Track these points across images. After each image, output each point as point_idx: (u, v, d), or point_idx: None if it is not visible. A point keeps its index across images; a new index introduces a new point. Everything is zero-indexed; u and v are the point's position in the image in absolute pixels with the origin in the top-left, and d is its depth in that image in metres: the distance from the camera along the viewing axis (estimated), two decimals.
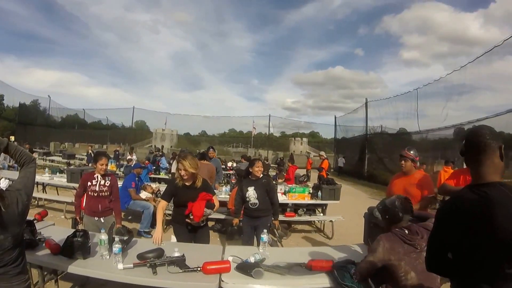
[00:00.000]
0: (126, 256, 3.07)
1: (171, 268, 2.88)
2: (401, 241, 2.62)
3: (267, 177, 5.46)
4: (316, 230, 8.25)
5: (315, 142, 56.71)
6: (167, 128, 44.92)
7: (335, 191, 7.70)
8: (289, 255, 3.40)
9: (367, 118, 24.69)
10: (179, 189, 4.00)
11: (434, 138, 18.40)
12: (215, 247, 3.87)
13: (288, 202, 7.48)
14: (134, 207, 7.09)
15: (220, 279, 2.77)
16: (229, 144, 48.15)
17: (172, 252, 2.99)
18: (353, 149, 27.13)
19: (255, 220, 4.95)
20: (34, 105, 39.17)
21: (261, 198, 4.90)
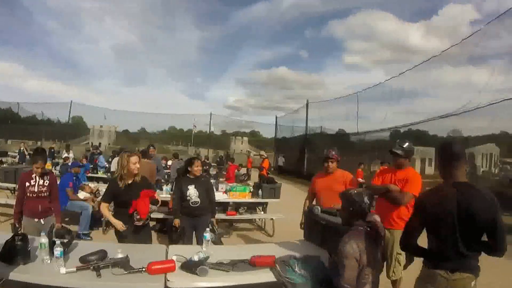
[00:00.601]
0: (68, 260, 2.97)
1: (115, 270, 2.83)
2: (369, 238, 2.65)
3: (206, 176, 5.52)
4: (258, 228, 8.45)
5: (256, 141, 57.09)
6: (106, 125, 43.30)
7: (275, 190, 7.94)
8: (232, 253, 3.46)
9: (307, 118, 25.40)
10: (121, 188, 3.95)
11: (372, 140, 19.32)
12: (159, 247, 3.88)
13: (229, 201, 7.59)
14: (72, 208, 6.81)
15: (165, 278, 2.77)
16: (170, 142, 47.43)
17: (115, 254, 2.94)
18: (293, 149, 27.77)
19: (195, 219, 4.95)
20: None
21: (202, 197, 4.93)
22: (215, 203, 5.55)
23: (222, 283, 2.87)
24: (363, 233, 2.65)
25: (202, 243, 4.48)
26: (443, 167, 2.61)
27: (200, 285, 2.80)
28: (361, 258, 2.54)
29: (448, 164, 2.57)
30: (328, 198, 4.32)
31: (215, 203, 5.38)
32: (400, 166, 4.15)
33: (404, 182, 3.99)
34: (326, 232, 3.78)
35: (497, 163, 16.25)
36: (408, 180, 3.97)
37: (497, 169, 16.05)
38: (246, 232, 8.07)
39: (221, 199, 7.48)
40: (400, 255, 3.88)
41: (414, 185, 3.89)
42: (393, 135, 17.26)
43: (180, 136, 52.06)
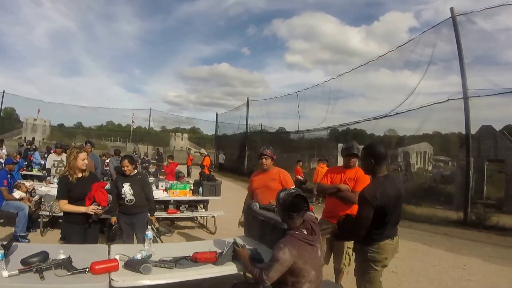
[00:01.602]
0: (8, 263, 2.90)
1: (58, 271, 2.82)
2: (305, 244, 2.82)
3: (142, 173, 5.55)
4: (199, 226, 8.55)
5: (196, 138, 56.89)
6: (40, 118, 41.05)
7: (215, 187, 8.06)
8: (175, 250, 3.55)
9: (247, 116, 25.81)
10: (74, 184, 3.96)
11: (310, 138, 19.92)
12: (101, 246, 3.88)
13: (170, 199, 7.61)
14: (7, 208, 6.49)
15: (109, 278, 2.81)
16: (107, 137, 46.06)
17: (57, 255, 2.93)
18: (233, 146, 28.03)
19: (131, 217, 5.00)
20: None
21: (137, 194, 4.97)
22: (154, 201, 5.60)
23: (165, 280, 2.95)
24: (298, 238, 2.83)
25: (142, 241, 4.56)
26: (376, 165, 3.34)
27: (144, 283, 2.87)
28: (297, 263, 2.75)
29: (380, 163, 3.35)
30: (264, 195, 4.49)
31: (153, 201, 5.41)
32: (352, 166, 4.40)
33: (355, 181, 4.26)
34: (264, 227, 3.95)
35: (430, 161, 17.34)
36: (358, 179, 4.26)
37: (431, 166, 17.14)
38: (188, 230, 8.13)
39: (162, 197, 7.50)
40: (350, 249, 4.14)
41: (364, 184, 4.03)
42: (332, 133, 17.94)
43: (118, 131, 50.60)
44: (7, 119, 40.32)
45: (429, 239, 8.37)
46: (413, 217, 10.71)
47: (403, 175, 14.78)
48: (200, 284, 3.57)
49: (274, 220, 3.68)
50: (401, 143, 15.17)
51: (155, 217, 5.46)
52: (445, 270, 6.01)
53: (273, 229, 3.69)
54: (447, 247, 7.59)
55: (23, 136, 36.40)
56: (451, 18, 11.15)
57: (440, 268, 6.09)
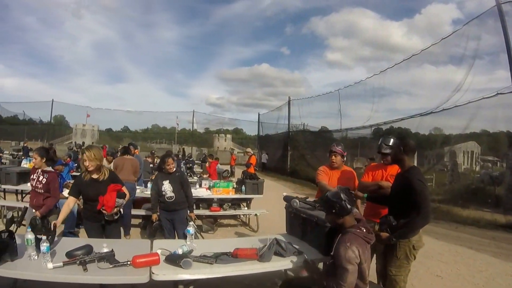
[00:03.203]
0: (54, 255, 3.03)
1: (101, 264, 2.90)
2: (365, 242, 2.74)
3: (181, 171, 5.63)
4: (242, 224, 8.54)
5: (239, 139, 57.22)
6: (88, 124, 42.81)
7: (258, 186, 8.03)
8: (215, 246, 3.55)
9: (289, 116, 25.47)
10: (86, 184, 3.95)
11: (353, 137, 19.45)
12: (143, 241, 3.96)
13: (213, 197, 7.65)
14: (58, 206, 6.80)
15: (150, 271, 2.85)
16: (153, 140, 47.18)
17: (100, 248, 3.02)
18: (276, 146, 27.86)
19: (172, 213, 5.11)
20: None
21: (176, 191, 5.08)
22: (193, 198, 5.66)
23: (205, 275, 2.96)
24: (360, 236, 2.73)
25: (182, 236, 4.64)
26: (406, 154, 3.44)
27: (184, 277, 2.89)
28: (361, 261, 2.65)
29: (409, 154, 3.46)
30: None
31: (192, 198, 5.46)
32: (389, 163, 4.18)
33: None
34: (306, 225, 3.89)
35: (478, 161, 16.54)
36: None
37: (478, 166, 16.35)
38: (231, 228, 8.17)
39: (205, 195, 7.59)
40: None
41: None
42: (375, 132, 17.44)
43: (164, 134, 51.81)
44: (57, 125, 42.55)
45: (476, 243, 7.89)
46: (459, 220, 10.15)
47: (449, 176, 14.13)
48: (240, 280, 3.55)
49: (317, 217, 3.60)
50: (447, 142, 14.36)
51: (194, 214, 5.50)
52: (492, 276, 5.62)
53: (316, 227, 3.61)
54: (494, 253, 7.11)
55: (73, 140, 37.98)
56: (496, 6, 10.41)
57: (487, 274, 5.71)
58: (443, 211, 10.57)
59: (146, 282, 2.81)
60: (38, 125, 38.31)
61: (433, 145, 14.37)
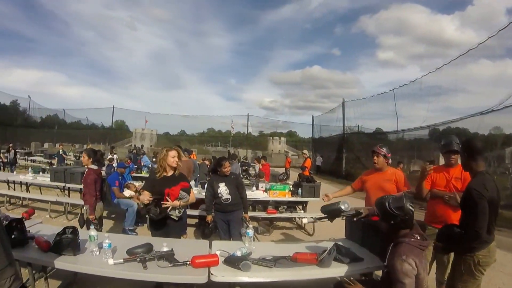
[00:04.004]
0: (115, 252, 3.11)
1: (160, 263, 2.94)
2: (421, 251, 2.56)
3: (235, 173, 5.65)
4: (297, 227, 8.39)
5: (293, 141, 56.94)
6: (147, 128, 44.53)
7: (315, 189, 7.85)
8: (274, 249, 3.50)
9: (344, 117, 24.88)
10: (158, 181, 4.10)
11: (410, 138, 18.71)
12: (201, 242, 3.95)
13: (269, 199, 7.60)
14: (118, 205, 7.12)
15: (209, 272, 2.84)
16: (208, 143, 48.02)
17: (160, 247, 3.05)
18: (330, 148, 27.40)
19: (227, 215, 5.11)
20: (14, 106, 39.07)
21: (232, 193, 5.08)
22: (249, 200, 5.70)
23: (264, 278, 2.89)
24: (415, 245, 2.55)
25: (236, 237, 4.71)
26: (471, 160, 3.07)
27: (243, 280, 2.84)
28: (418, 272, 2.48)
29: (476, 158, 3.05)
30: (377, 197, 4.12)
31: (246, 199, 5.46)
32: (453, 164, 3.90)
33: (463, 181, 3.75)
34: (366, 230, 3.73)
35: None
36: (466, 178, 3.66)
37: None
38: (286, 230, 8.05)
39: (261, 197, 7.54)
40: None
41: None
42: (432, 133, 16.67)
43: (219, 137, 52.67)
44: (118, 130, 44.86)
45: None
46: None
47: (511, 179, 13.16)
48: (298, 285, 3.43)
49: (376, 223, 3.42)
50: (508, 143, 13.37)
51: (248, 215, 5.49)
52: None
53: (377, 233, 3.43)
54: None
55: (133, 144, 39.60)
56: None
57: None
58: (506, 217, 9.76)
59: (204, 282, 2.79)
60: (100, 130, 40.70)
61: (493, 146, 13.20)
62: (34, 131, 36.64)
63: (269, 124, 60.13)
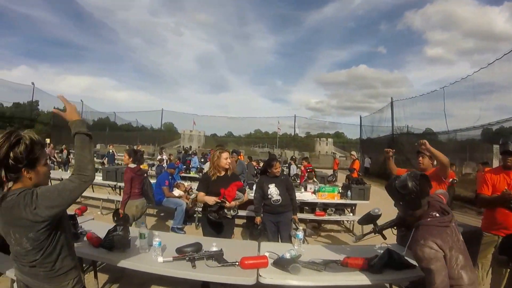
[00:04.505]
0: (164, 250, 3.15)
1: (209, 262, 2.94)
2: (442, 228, 2.30)
3: (285, 174, 5.61)
4: (345, 230, 8.22)
5: (340, 143, 56.27)
6: (195, 129, 45.51)
7: (364, 191, 7.67)
8: (323, 252, 3.43)
9: (393, 118, 24.13)
10: (212, 182, 4.21)
11: (462, 139, 17.81)
12: (250, 242, 3.93)
13: (317, 201, 7.50)
14: (168, 204, 7.35)
15: (257, 273, 2.80)
16: (255, 144, 48.29)
17: (210, 247, 3.05)
18: (379, 150, 26.55)
19: (277, 216, 5.07)
20: None
21: (282, 194, 5.04)
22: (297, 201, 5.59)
23: (313, 282, 2.81)
24: (433, 224, 2.31)
25: (286, 239, 4.72)
26: None
27: (292, 283, 2.78)
28: (445, 253, 2.24)
29: None
30: None
31: (296, 201, 5.41)
32: (510, 166, 3.60)
33: None
34: None
35: None
36: None
37: None
38: (334, 233, 7.90)
39: (310, 199, 7.47)
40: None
41: None
42: (485, 133, 15.79)
43: (266, 138, 52.89)
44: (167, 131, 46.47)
45: None
46: None
47: None
48: None
49: None
50: None
51: (297, 217, 5.42)
52: None
53: None
54: None
55: (181, 145, 40.57)
56: None
57: None
58: None
59: (252, 284, 2.75)
60: (150, 131, 42.47)
61: None
62: None
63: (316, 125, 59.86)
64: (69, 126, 2.02)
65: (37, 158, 1.83)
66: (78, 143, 1.96)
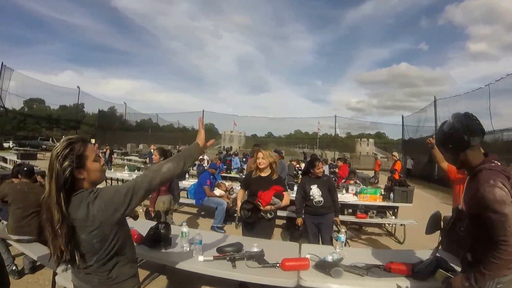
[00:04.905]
0: (204, 249, 3.16)
1: (249, 263, 2.92)
2: (507, 177, 1.98)
3: (327, 175, 5.55)
4: (387, 233, 8.03)
5: (381, 143, 55.16)
6: (235, 130, 46.05)
7: (407, 194, 7.43)
8: (365, 256, 3.34)
9: (436, 117, 23.33)
10: (253, 180, 4.30)
11: (509, 139, 16.92)
12: (291, 244, 3.88)
13: (359, 203, 7.34)
14: (208, 203, 7.48)
15: (298, 276, 2.76)
16: (296, 145, 48.15)
17: (251, 247, 3.05)
18: (421, 151, 25.71)
19: (319, 218, 5.02)
20: (112, 111, 44.88)
21: (325, 196, 4.99)
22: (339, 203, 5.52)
23: (355, 287, 2.74)
24: (499, 170, 1.99)
25: (327, 241, 4.70)
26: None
27: (333, 287, 2.72)
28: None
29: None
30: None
31: (338, 202, 5.34)
32: None
33: None
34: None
35: None
36: None
37: None
38: (375, 236, 7.74)
39: (351, 201, 7.35)
40: None
41: None
42: None
43: (306, 139, 52.72)
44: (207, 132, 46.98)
45: None
46: None
47: None
48: None
49: None
50: None
51: (339, 219, 5.37)
52: None
53: None
54: None
55: (222, 145, 41.11)
56: None
57: None
58: None
59: (293, 286, 2.71)
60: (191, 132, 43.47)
61: None
62: (130, 134, 40.91)
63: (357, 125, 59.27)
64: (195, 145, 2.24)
65: (82, 155, 1.75)
66: (187, 153, 2.13)
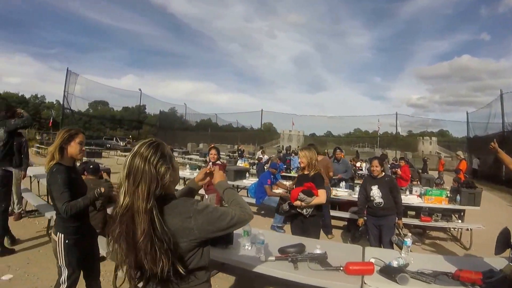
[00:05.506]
0: (267, 249, 3.16)
1: (312, 265, 2.88)
2: None
3: (390, 176, 5.42)
4: (452, 238, 7.67)
5: (445, 142, 52.58)
6: (294, 129, 46.15)
7: (475, 196, 6.98)
8: (431, 262, 3.19)
9: (503, 112, 22.00)
10: (298, 177, 4.57)
11: None
12: (355, 247, 3.80)
13: (423, 206, 7.05)
14: (269, 202, 7.59)
15: (362, 281, 2.69)
16: (355, 144, 47.37)
17: (313, 249, 3.02)
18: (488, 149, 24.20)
19: (380, 219, 4.92)
20: (172, 112, 47.51)
21: (385, 197, 4.88)
22: (402, 205, 5.30)
23: None
24: None
25: (387, 244, 4.63)
26: None
27: None
28: None
29: None
30: None
31: (401, 204, 5.14)
32: None
33: None
34: None
35: None
36: None
37: None
38: (439, 241, 7.40)
39: (415, 203, 7.07)
40: None
41: None
42: None
43: (366, 137, 51.76)
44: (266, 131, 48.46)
45: None
46: None
47: None
48: None
49: None
50: None
51: (402, 222, 5.21)
52: None
53: None
54: None
55: (281, 144, 41.43)
56: None
57: None
58: None
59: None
60: (249, 131, 44.91)
61: None
62: (191, 133, 42.82)
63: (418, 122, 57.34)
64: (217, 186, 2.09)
65: (171, 156, 1.76)
66: (230, 195, 1.99)
